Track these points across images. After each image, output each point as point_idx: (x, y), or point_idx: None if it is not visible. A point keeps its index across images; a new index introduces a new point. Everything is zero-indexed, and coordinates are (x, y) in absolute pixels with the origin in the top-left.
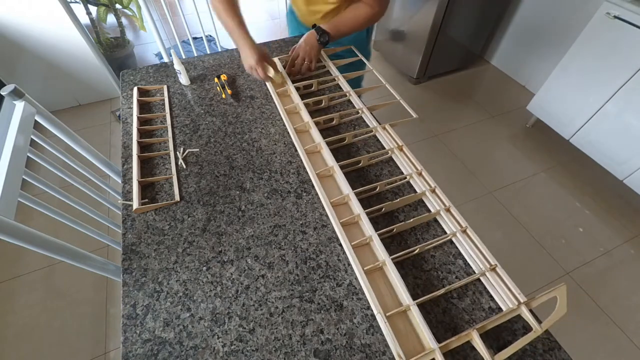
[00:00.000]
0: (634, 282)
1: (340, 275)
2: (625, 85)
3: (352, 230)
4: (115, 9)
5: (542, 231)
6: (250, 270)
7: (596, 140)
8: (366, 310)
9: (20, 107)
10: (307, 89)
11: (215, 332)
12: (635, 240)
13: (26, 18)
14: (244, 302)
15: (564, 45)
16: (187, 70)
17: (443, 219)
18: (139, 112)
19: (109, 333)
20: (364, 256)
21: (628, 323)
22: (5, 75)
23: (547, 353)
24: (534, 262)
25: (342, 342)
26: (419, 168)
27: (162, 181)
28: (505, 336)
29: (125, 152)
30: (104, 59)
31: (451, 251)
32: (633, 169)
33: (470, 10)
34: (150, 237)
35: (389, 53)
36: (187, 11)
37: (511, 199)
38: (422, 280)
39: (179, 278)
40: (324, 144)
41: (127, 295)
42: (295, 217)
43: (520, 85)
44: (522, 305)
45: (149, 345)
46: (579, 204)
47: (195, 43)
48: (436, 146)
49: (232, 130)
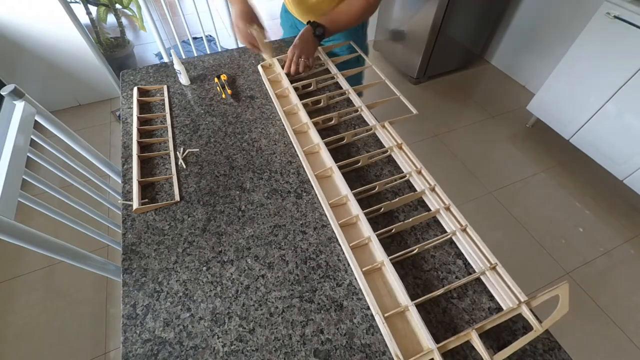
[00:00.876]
0: (634, 282)
1: (340, 275)
2: (626, 85)
3: (351, 231)
4: (115, 9)
5: (542, 231)
6: (250, 270)
7: (596, 140)
8: (366, 310)
9: (20, 107)
10: (306, 88)
11: (215, 332)
12: (635, 240)
13: (26, 18)
14: (244, 302)
15: (564, 45)
16: (187, 70)
17: (443, 218)
18: (139, 112)
19: (109, 333)
20: (362, 257)
21: (628, 323)
22: (5, 75)
23: (547, 353)
24: (534, 262)
25: (342, 342)
26: (419, 166)
27: (162, 181)
28: (505, 336)
29: (125, 152)
30: (104, 59)
31: (451, 251)
32: (633, 169)
33: (470, 10)
34: (150, 237)
35: (389, 53)
36: (187, 11)
37: (511, 199)
38: (422, 280)
39: (179, 278)
40: (323, 145)
41: (127, 295)
42: (295, 217)
43: (520, 85)
44: (523, 304)
45: (149, 345)
46: (579, 204)
47: (195, 43)
48: (436, 146)
49: (232, 130)
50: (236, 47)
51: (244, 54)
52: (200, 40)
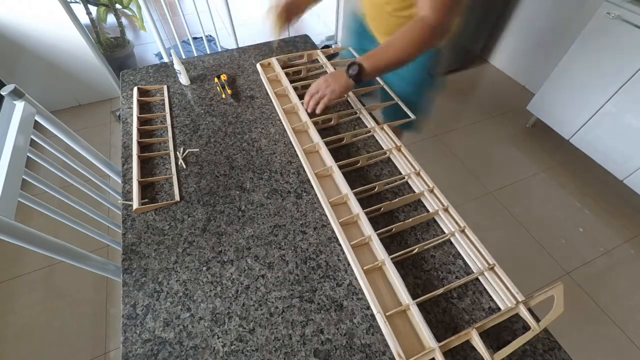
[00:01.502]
0: (634, 282)
1: (340, 275)
2: (626, 85)
3: (352, 230)
4: (115, 9)
5: (542, 231)
6: (250, 270)
7: (596, 140)
8: (366, 310)
9: (20, 107)
10: (305, 88)
11: (215, 332)
12: (635, 240)
13: (26, 18)
14: (244, 302)
15: (564, 45)
16: (187, 70)
17: (441, 219)
18: (139, 112)
19: (109, 333)
20: (363, 256)
21: (628, 323)
22: (5, 75)
23: (547, 353)
24: (534, 262)
25: (342, 342)
26: (417, 168)
27: (162, 181)
28: (505, 336)
29: (125, 152)
30: (104, 59)
31: (451, 251)
32: (633, 169)
33: (470, 10)
34: (150, 237)
35: None
36: (187, 11)
37: (511, 199)
38: (422, 280)
39: (179, 278)
40: (322, 144)
41: (127, 295)
42: (295, 217)
43: (520, 85)
44: (521, 304)
45: (149, 345)
46: (579, 204)
47: (195, 43)
48: (436, 146)
49: (232, 130)
50: (236, 47)
51: (244, 54)
52: (200, 40)
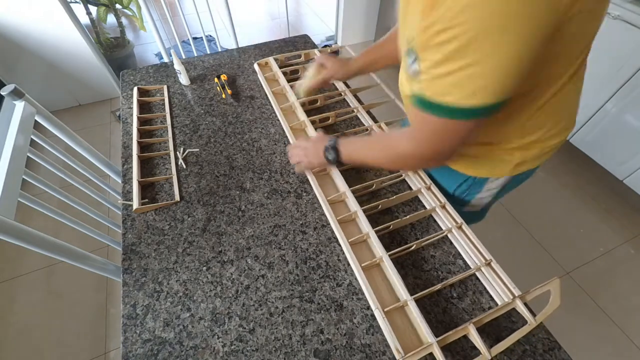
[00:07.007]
0: (634, 282)
1: (340, 275)
2: (625, 85)
3: (350, 228)
4: (115, 9)
5: (542, 231)
6: (250, 270)
7: (596, 140)
8: (366, 310)
9: (20, 107)
10: None
11: (215, 332)
12: (635, 240)
13: (26, 18)
14: (244, 302)
15: None
16: (187, 70)
17: (439, 216)
18: (139, 112)
19: (109, 333)
20: (361, 253)
21: (628, 323)
22: (5, 75)
23: (547, 353)
24: (534, 262)
25: (342, 342)
26: None
27: (162, 181)
28: (504, 335)
29: (125, 152)
30: (104, 59)
31: (451, 251)
32: (633, 169)
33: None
34: (150, 237)
35: None
36: (187, 11)
37: (511, 198)
38: (422, 280)
39: (179, 278)
40: None
41: (127, 295)
42: (295, 217)
43: None
44: (517, 299)
45: (149, 345)
46: (579, 204)
47: (195, 43)
48: None
49: (232, 130)
50: (236, 47)
51: (243, 54)
52: (200, 40)
